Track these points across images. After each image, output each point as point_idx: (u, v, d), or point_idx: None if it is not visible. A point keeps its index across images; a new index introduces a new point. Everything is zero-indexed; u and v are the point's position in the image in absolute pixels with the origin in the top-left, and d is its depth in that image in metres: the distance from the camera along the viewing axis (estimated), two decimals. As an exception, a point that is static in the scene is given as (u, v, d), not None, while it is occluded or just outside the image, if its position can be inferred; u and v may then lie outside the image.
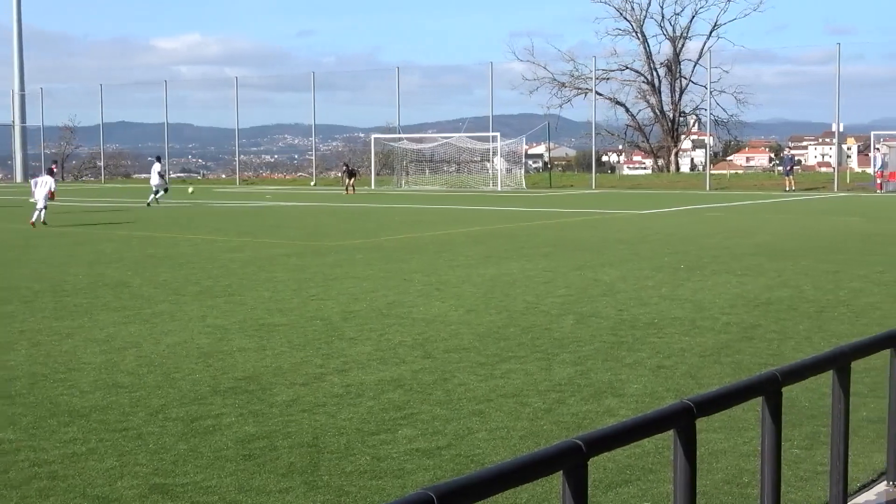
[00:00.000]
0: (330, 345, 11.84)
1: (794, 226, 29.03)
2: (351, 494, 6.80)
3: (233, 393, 9.57)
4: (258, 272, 18.90)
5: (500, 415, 8.72)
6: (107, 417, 8.76)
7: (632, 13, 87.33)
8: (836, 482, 5.81)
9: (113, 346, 11.86)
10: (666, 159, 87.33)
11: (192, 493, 6.85)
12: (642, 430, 4.38)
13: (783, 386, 5.13)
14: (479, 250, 22.62)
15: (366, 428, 8.37)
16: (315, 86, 73.51)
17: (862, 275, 17.46)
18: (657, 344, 11.66)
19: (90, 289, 16.79)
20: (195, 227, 31.25)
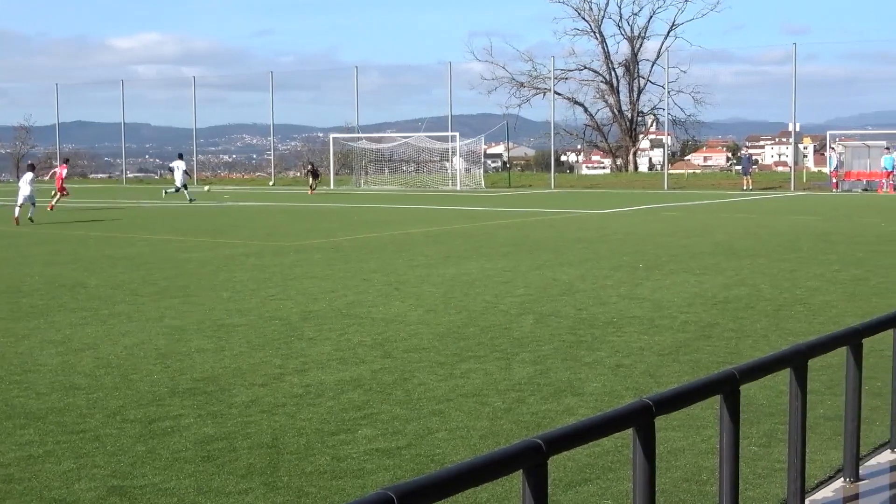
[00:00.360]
0: (289, 345, 11.80)
1: (751, 225, 29.23)
2: (311, 495, 6.79)
3: (191, 394, 9.53)
4: (216, 272, 18.82)
5: (460, 414, 8.73)
6: (64, 419, 8.69)
7: (590, 13, 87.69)
8: (793, 479, 5.86)
9: (70, 348, 11.77)
10: (624, 159, 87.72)
11: (150, 494, 6.81)
12: (602, 428, 4.40)
13: (741, 384, 5.16)
14: (439, 250, 22.63)
15: (325, 428, 8.35)
16: (273, 85, 73.30)
17: (818, 273, 17.61)
18: (616, 343, 11.71)
19: (46, 289, 16.65)
20: (152, 227, 31.06)
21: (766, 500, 6.49)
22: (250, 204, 45.06)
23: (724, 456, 5.16)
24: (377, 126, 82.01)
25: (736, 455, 5.17)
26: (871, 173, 52.83)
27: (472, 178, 63.09)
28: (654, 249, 22.04)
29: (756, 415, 8.41)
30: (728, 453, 5.15)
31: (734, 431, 5.15)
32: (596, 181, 70.34)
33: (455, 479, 3.66)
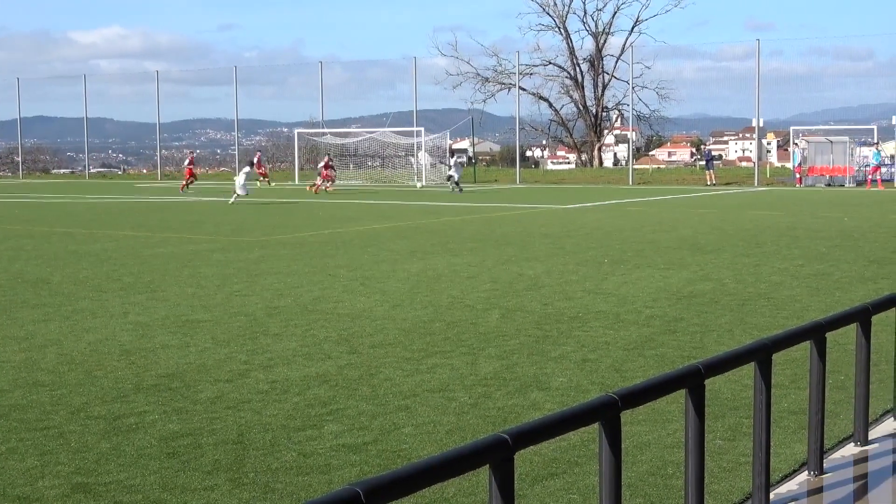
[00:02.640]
0: (254, 341, 11.77)
1: (715, 220, 29.39)
2: (277, 491, 6.78)
3: (156, 390, 9.49)
4: (181, 268, 18.74)
5: (427, 410, 8.74)
6: (27, 416, 8.64)
7: (554, 9, 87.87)
8: (758, 473, 5.91)
9: (33, 344, 11.69)
10: (589, 154, 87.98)
11: (115, 491, 6.78)
12: (568, 423, 4.41)
13: (706, 378, 5.19)
14: (404, 245, 22.62)
15: (291, 424, 8.34)
16: (237, 80, 73.03)
17: (782, 268, 17.73)
18: (582, 338, 11.75)
19: (9, 286, 16.53)
20: (116, 222, 30.88)
21: (731, 493, 6.53)
22: (215, 199, 44.85)
23: (690, 450, 5.19)
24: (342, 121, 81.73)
25: (701, 449, 5.20)
26: (835, 168, 53.20)
27: (438, 173, 63.08)
28: (619, 244, 22.13)
29: (721, 409, 8.46)
30: (693, 447, 5.18)
31: (699, 425, 5.19)
32: (561, 176, 70.45)
33: (422, 475, 3.67)
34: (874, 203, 36.70)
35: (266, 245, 22.83)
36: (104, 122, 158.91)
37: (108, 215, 33.95)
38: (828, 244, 21.72)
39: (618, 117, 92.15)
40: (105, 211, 36.62)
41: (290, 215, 34.00)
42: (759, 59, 56.34)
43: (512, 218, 31.48)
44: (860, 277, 16.58)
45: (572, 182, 61.67)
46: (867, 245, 21.51)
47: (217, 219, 32.43)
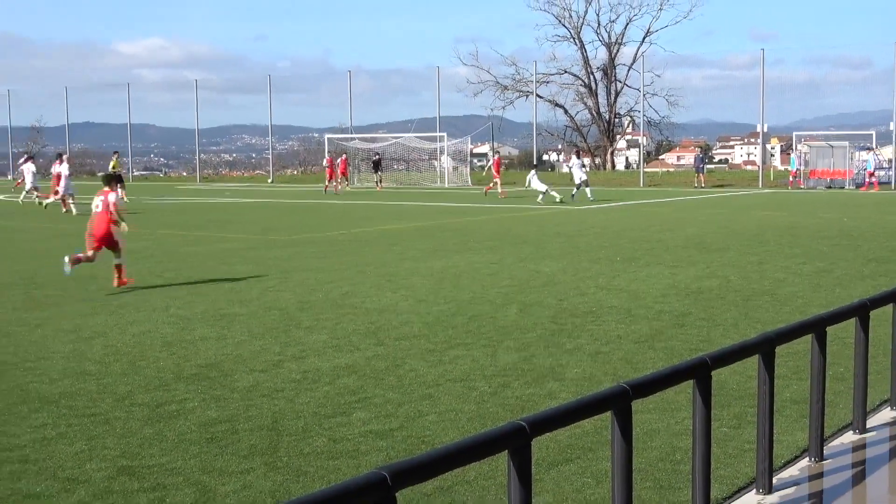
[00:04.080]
0: (287, 333, 11.80)
1: (721, 220, 29.28)
2: (309, 474, 6.80)
3: (196, 379, 9.53)
4: (218, 265, 18.79)
5: (449, 398, 8.74)
6: (75, 403, 8.69)
7: (570, 20, 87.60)
8: (762, 459, 5.90)
9: (81, 336, 11.76)
10: (602, 158, 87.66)
11: (157, 474, 6.82)
12: (582, 411, 4.42)
13: (713, 370, 5.19)
14: (428, 244, 22.62)
15: (322, 411, 8.36)
16: (271, 88, 73.08)
17: (784, 266, 17.65)
18: (595, 331, 11.73)
19: (59, 282, 16.61)
20: (158, 222, 30.98)
21: (736, 478, 6.52)
22: (250, 200, 44.94)
23: (697, 437, 5.19)
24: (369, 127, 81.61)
25: (708, 436, 5.20)
26: (835, 172, 52.89)
27: (460, 175, 63.01)
28: (630, 243, 22.07)
29: (727, 398, 8.44)
30: (701, 434, 5.18)
31: (706, 414, 5.18)
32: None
33: (445, 459, 3.68)
34: (873, 204, 36.48)
35: (298, 243, 22.87)
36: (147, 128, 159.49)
37: (149, 215, 34.04)
38: (828, 243, 21.61)
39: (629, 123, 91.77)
40: (147, 211, 36.71)
41: (320, 215, 34.02)
42: (763, 68, 56.08)
43: (529, 218, 31.44)
44: (859, 275, 16.49)
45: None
46: (866, 244, 21.39)
47: (252, 219, 32.49)
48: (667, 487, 6.43)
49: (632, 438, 4.51)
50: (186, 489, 6.54)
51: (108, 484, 6.63)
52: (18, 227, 29.51)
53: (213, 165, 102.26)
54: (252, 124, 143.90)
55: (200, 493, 6.47)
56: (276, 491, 6.50)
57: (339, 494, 3.24)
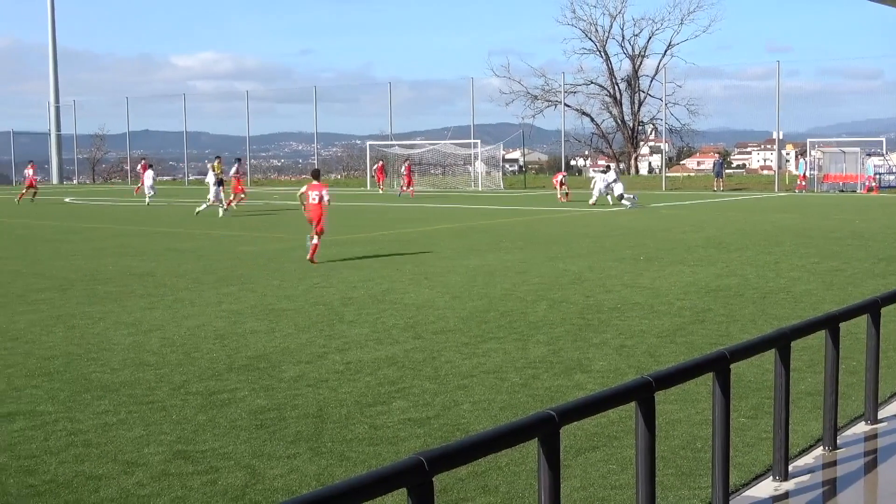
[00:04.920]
0: (331, 327, 11.83)
1: (739, 222, 29.07)
2: (351, 459, 6.80)
3: (246, 370, 9.56)
4: (268, 263, 18.87)
5: (482, 389, 8.73)
6: (135, 392, 8.74)
7: (596, 35, 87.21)
8: (778, 447, 5.85)
9: (140, 329, 11.83)
10: (627, 163, 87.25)
11: (210, 458, 6.85)
12: (608, 401, 4.40)
13: (731, 363, 5.15)
14: (463, 244, 22.61)
15: (364, 400, 8.36)
16: (316, 98, 73.30)
17: (799, 265, 17.51)
18: (620, 326, 11.68)
19: (119, 278, 16.74)
20: (211, 223, 31.15)
21: (754, 465, 6.46)
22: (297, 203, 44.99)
23: (717, 426, 5.15)
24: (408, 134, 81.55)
25: (727, 426, 5.16)
26: (847, 176, 52.37)
27: (492, 180, 62.91)
28: (653, 243, 21.96)
29: (745, 390, 8.37)
30: (720, 424, 5.14)
31: (725, 405, 5.14)
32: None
33: (478, 446, 3.67)
34: (883, 207, 36.11)
35: (341, 243, 22.92)
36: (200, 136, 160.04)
37: (203, 217, 34.24)
38: (841, 244, 21.41)
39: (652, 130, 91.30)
40: (204, 214, 36.91)
41: (361, 217, 34.07)
42: (779, 79, 55.58)
43: (557, 220, 31.35)
44: (870, 273, 16.33)
45: (611, 188, 61.17)
46: (876, 245, 21.17)
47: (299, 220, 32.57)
48: (688, 474, 6.39)
49: (655, 427, 4.48)
50: (237, 472, 6.56)
51: (164, 467, 6.67)
52: (75, 228, 29.76)
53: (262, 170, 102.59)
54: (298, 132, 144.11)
55: (250, 475, 6.49)
56: (320, 474, 6.51)
57: (379, 478, 3.24)
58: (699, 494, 6.01)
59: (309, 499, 2.99)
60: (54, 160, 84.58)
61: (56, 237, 26.05)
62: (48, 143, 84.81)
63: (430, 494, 3.31)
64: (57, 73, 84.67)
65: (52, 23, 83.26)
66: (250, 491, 6.23)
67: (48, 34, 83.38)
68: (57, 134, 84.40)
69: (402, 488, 3.28)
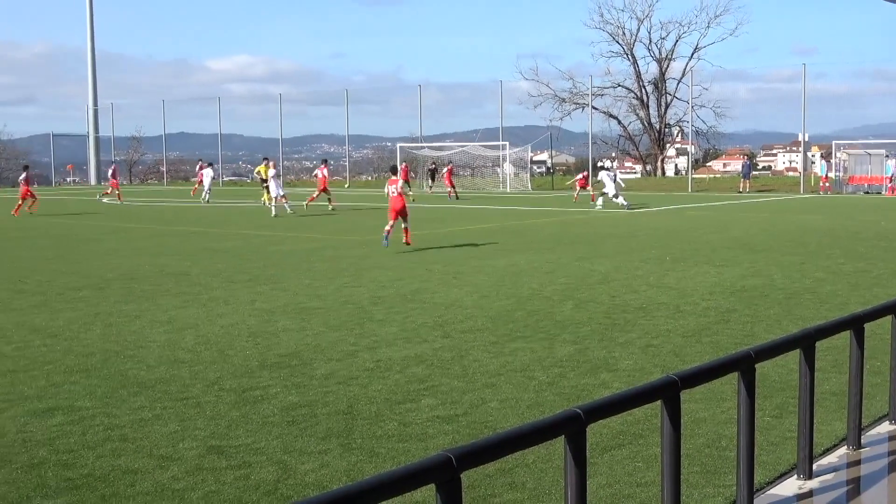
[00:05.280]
0: (362, 326, 11.85)
1: (764, 223, 28.89)
2: (381, 455, 6.82)
3: (278, 367, 9.60)
4: (299, 263, 18.93)
5: (510, 387, 8.72)
6: (170, 388, 8.80)
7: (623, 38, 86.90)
8: (802, 446, 5.81)
9: (175, 327, 11.90)
10: (653, 165, 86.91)
11: (243, 453, 6.88)
12: (634, 400, 4.38)
13: (756, 363, 5.12)
14: (491, 244, 22.60)
15: (393, 398, 8.38)
16: (348, 101, 73.50)
17: (824, 266, 17.38)
18: (646, 326, 11.64)
19: (155, 277, 16.84)
20: (244, 223, 31.29)
21: (778, 464, 6.43)
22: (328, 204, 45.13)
23: (742, 425, 5.13)
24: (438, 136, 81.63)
25: (752, 425, 5.13)
26: (872, 178, 51.93)
27: (520, 181, 62.82)
28: (679, 244, 21.87)
29: (769, 390, 8.33)
30: (745, 423, 5.11)
31: (750, 404, 5.12)
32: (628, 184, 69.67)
33: (506, 443, 3.67)
34: (908, 208, 35.78)
35: (371, 243, 22.96)
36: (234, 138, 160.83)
37: (237, 217, 34.40)
38: (866, 245, 21.24)
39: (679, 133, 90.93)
40: (235, 213, 37.11)
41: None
42: (804, 81, 55.19)
43: (584, 221, 31.27)
44: (895, 274, 16.18)
45: (637, 189, 60.94)
46: (902, 246, 20.98)
47: (329, 220, 32.67)
48: (713, 472, 6.36)
49: (680, 426, 4.46)
50: (269, 467, 6.59)
51: (198, 462, 6.71)
52: (115, 228, 29.96)
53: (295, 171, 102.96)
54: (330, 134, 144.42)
55: (282, 471, 6.52)
56: (350, 470, 6.53)
57: (408, 474, 3.24)
58: (724, 492, 5.99)
59: (339, 494, 3.00)
60: (92, 162, 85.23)
61: (93, 236, 26.24)
62: (87, 144, 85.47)
63: (458, 491, 3.31)
64: (95, 77, 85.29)
65: (90, 27, 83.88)
66: (282, 486, 6.25)
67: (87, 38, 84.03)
68: (95, 136, 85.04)
69: (430, 484, 3.28)
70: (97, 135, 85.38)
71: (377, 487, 3.11)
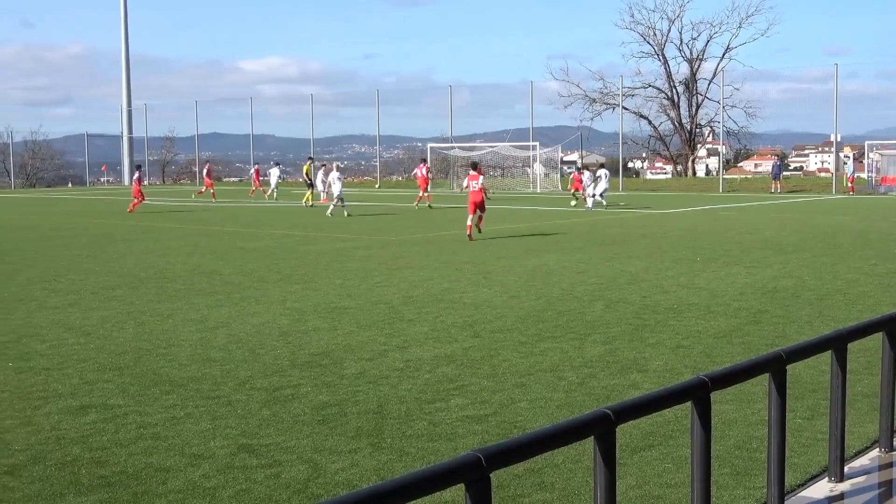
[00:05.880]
0: (392, 325, 11.86)
1: (796, 224, 28.68)
2: (410, 455, 6.82)
3: (309, 366, 9.63)
4: (331, 262, 18.98)
5: (540, 387, 8.70)
6: (201, 387, 8.84)
7: (654, 38, 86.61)
8: (834, 448, 5.76)
9: (206, 326, 11.96)
10: (684, 165, 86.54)
11: (274, 452, 6.90)
12: (664, 401, 4.36)
13: (788, 364, 5.08)
14: (521, 244, 22.57)
15: (423, 397, 8.38)
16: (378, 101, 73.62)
17: (856, 267, 17.23)
18: (676, 326, 11.58)
19: (187, 276, 16.94)
20: (276, 223, 31.42)
21: (809, 466, 6.38)
22: (359, 204, 45.29)
23: (773, 427, 5.09)
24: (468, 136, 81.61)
25: (783, 426, 5.09)
26: (906, 178, 51.43)
27: (550, 181, 62.70)
28: (709, 245, 21.75)
29: (801, 391, 8.26)
30: (776, 424, 5.07)
31: (781, 406, 5.08)
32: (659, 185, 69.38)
33: (535, 443, 3.66)
34: (942, 209, 35.40)
35: (402, 244, 23.00)
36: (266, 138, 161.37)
37: (268, 217, 34.54)
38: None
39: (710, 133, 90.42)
40: (266, 213, 37.27)
41: (422, 218, 34.13)
42: (837, 81, 54.73)
43: (615, 221, 31.17)
44: (929, 276, 16.02)
45: (668, 190, 60.72)
46: (935, 247, 20.76)
47: (360, 220, 32.74)
48: (743, 473, 6.32)
49: (710, 427, 4.43)
50: (300, 466, 6.61)
51: (229, 460, 6.74)
52: (147, 227, 30.15)
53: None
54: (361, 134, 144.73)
55: (312, 469, 6.54)
56: (380, 469, 6.54)
57: (438, 473, 3.24)
58: (754, 494, 5.94)
59: (369, 493, 3.00)
60: (126, 162, 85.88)
61: (127, 236, 26.42)
62: (121, 145, 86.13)
63: (487, 490, 3.31)
64: (129, 78, 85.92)
65: (125, 29, 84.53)
66: (312, 484, 6.27)
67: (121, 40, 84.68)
68: (129, 136, 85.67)
69: (459, 484, 3.28)
70: (131, 135, 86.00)
71: (407, 487, 3.11)
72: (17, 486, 6.29)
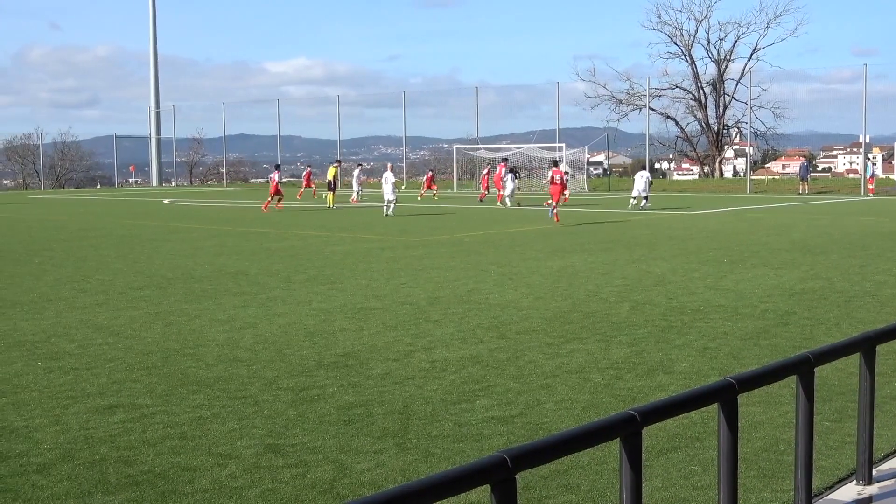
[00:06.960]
0: (418, 326, 11.87)
1: (824, 225, 28.50)
2: (436, 455, 6.82)
3: (335, 367, 9.65)
4: (357, 263, 19.02)
5: (565, 388, 8.69)
6: (228, 387, 8.88)
7: (681, 38, 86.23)
8: (862, 451, 5.72)
9: (233, 326, 12.01)
10: (711, 166, 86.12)
11: (300, 452, 6.93)
12: (690, 403, 4.34)
13: (815, 366, 5.05)
14: (547, 245, 22.53)
15: (449, 398, 8.38)
16: (405, 102, 73.73)
17: (886, 269, 17.10)
18: (703, 328, 11.53)
19: (214, 277, 17.02)
20: (302, 224, 31.52)
21: (837, 469, 6.33)
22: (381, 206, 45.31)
23: (800, 429, 5.06)
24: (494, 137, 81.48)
25: (810, 429, 5.06)
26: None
27: (577, 183, 62.58)
28: (737, 246, 21.64)
29: (829, 393, 8.20)
30: (803, 427, 5.04)
31: (809, 408, 5.04)
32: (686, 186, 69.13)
33: (561, 444, 3.65)
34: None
35: (428, 244, 23.01)
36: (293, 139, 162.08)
37: (295, 217, 34.64)
38: (929, 247, 20.84)
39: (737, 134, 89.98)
40: (293, 214, 37.37)
41: (448, 219, 34.15)
42: (865, 82, 54.36)
43: (641, 222, 31.07)
44: (959, 278, 15.87)
45: (695, 191, 60.48)
46: (966, 249, 20.56)
47: (386, 221, 32.79)
48: (770, 476, 6.28)
49: (737, 429, 4.41)
50: (325, 466, 6.62)
51: (256, 460, 6.76)
52: (172, 228, 30.30)
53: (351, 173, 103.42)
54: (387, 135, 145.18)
55: (338, 470, 6.55)
56: (406, 470, 6.55)
57: (463, 474, 3.24)
58: (781, 497, 5.91)
59: (395, 493, 3.01)
60: (154, 163, 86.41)
61: (154, 236, 26.57)
62: (149, 146, 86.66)
63: (513, 491, 3.31)
64: (157, 79, 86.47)
65: (153, 31, 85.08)
66: (338, 484, 6.28)
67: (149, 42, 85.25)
68: (157, 137, 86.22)
69: (485, 485, 3.28)
70: (159, 136, 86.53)
71: (432, 487, 3.11)
72: (46, 485, 6.34)
